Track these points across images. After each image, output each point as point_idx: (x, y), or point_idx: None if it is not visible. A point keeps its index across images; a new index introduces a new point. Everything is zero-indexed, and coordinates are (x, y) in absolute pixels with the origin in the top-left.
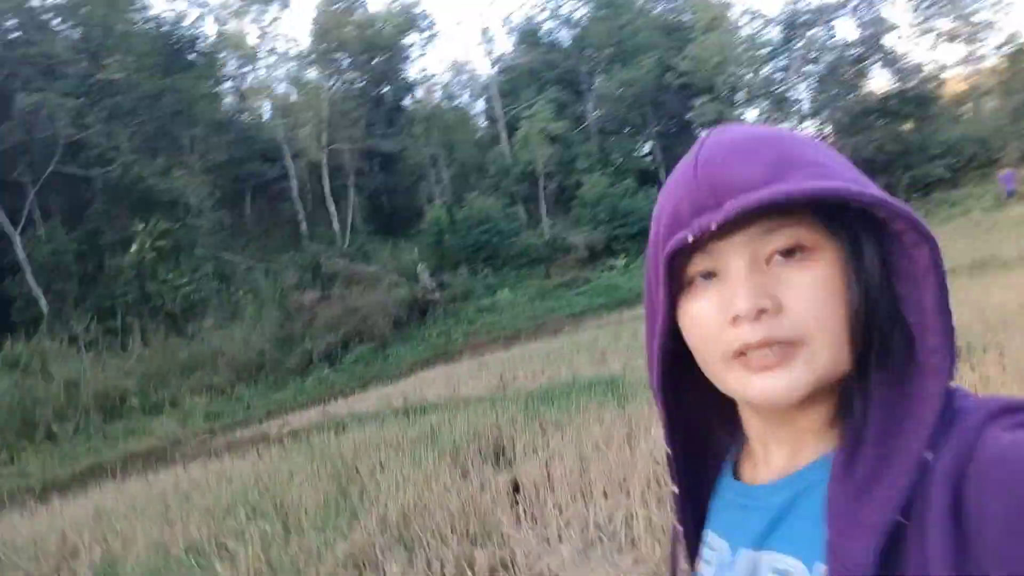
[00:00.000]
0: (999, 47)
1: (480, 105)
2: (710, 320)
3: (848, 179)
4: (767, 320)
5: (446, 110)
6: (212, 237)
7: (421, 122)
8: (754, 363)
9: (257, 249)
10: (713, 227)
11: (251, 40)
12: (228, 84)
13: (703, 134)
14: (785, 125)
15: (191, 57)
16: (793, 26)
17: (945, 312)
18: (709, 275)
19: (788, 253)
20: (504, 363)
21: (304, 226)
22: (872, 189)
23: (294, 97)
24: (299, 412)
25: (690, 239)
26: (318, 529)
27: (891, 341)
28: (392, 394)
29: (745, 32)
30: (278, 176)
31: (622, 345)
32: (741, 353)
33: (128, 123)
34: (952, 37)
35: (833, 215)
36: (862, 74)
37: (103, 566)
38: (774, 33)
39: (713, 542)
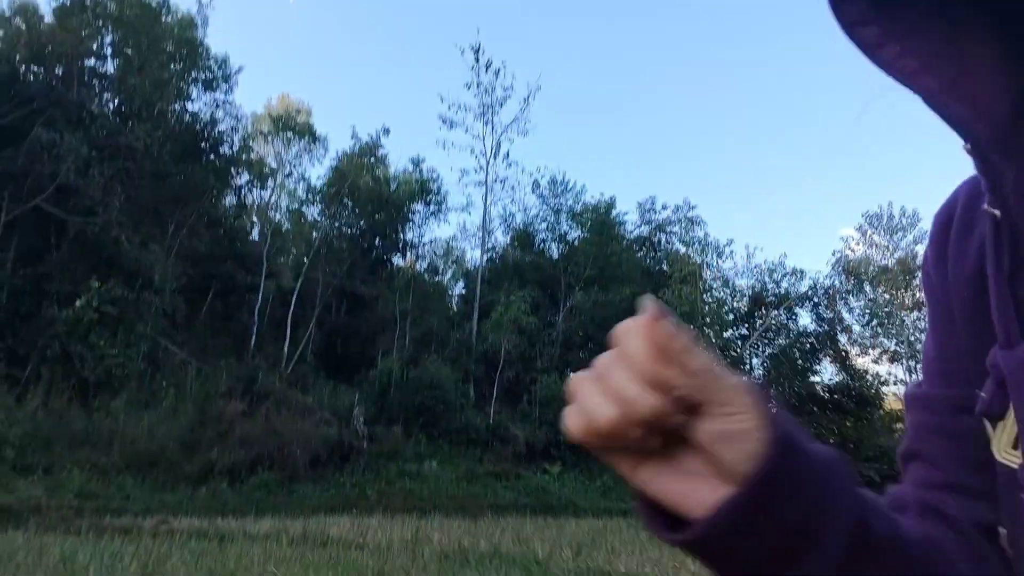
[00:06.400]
0: None
1: (460, 287)
2: None
3: None
4: None
5: (428, 282)
6: (159, 320)
7: (401, 280)
8: None
9: (198, 347)
10: None
11: (269, 163)
12: (233, 190)
13: None
14: None
15: (211, 157)
16: (757, 303)
17: None
18: None
19: None
20: (421, 527)
21: (253, 340)
22: None
23: (287, 226)
24: (183, 518)
25: None
26: None
27: None
28: (291, 527)
29: (716, 295)
30: (247, 286)
31: (548, 537)
32: None
33: (127, 187)
34: (893, 358)
35: None
36: (813, 362)
37: None
38: (742, 304)
39: None
